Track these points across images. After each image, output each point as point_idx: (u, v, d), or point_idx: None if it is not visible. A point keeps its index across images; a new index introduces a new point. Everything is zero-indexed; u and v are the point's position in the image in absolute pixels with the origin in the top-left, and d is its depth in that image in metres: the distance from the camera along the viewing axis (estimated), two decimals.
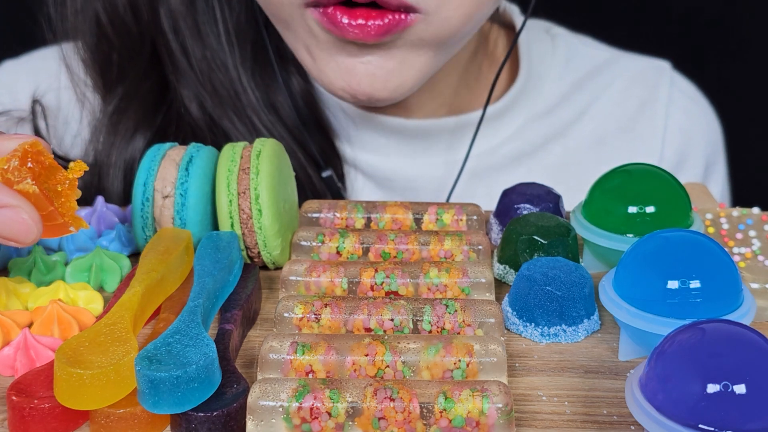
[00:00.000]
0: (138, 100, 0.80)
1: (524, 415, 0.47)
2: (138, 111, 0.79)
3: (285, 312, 0.52)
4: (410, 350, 0.48)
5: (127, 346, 0.46)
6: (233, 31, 0.79)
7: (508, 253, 0.59)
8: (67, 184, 0.49)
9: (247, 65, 0.79)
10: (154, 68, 0.80)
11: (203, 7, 0.79)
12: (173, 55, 0.79)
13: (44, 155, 0.49)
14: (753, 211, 0.68)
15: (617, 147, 0.88)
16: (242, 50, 0.79)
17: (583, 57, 0.91)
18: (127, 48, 0.80)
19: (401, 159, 0.84)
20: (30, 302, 0.56)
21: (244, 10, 0.79)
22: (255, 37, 0.80)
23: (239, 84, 0.79)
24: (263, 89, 0.80)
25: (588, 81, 0.90)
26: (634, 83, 0.90)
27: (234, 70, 0.79)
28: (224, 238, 0.57)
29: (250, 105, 0.79)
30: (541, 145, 0.87)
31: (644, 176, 0.59)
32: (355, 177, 0.84)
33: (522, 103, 0.86)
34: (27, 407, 0.45)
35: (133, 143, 0.79)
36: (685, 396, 0.40)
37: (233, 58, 0.79)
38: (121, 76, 0.80)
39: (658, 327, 0.48)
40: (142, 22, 0.80)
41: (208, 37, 0.79)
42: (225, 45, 0.79)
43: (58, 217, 0.49)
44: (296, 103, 0.81)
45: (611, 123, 0.89)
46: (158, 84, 0.81)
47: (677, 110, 0.90)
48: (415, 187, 0.84)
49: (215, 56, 0.79)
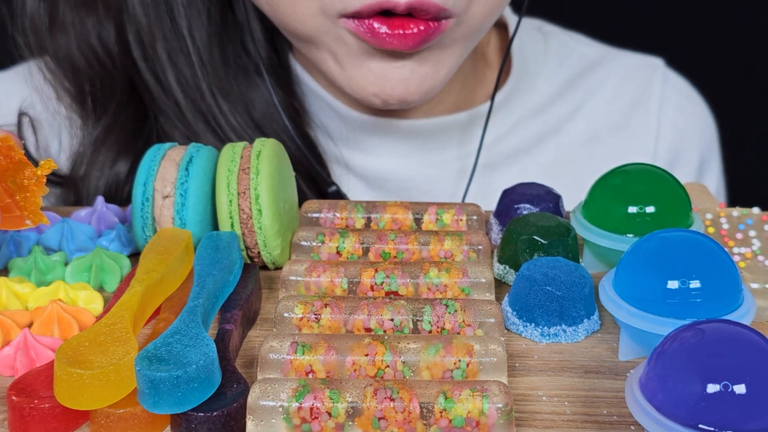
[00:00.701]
0: (118, 129, 0.80)
1: (524, 415, 0.47)
2: (119, 138, 0.80)
3: (285, 312, 0.52)
4: (410, 350, 0.48)
5: (127, 346, 0.46)
6: (204, 52, 0.78)
7: (508, 253, 0.59)
8: (34, 179, 0.52)
9: (223, 87, 0.79)
10: (132, 97, 0.80)
11: (170, 32, 0.78)
12: (147, 84, 0.79)
13: (14, 150, 0.51)
14: (753, 211, 0.68)
15: (611, 144, 0.88)
16: (215, 71, 0.79)
17: (576, 55, 0.91)
18: (103, 82, 0.80)
19: (395, 159, 0.84)
20: (30, 302, 0.56)
21: (212, 26, 0.79)
22: (226, 55, 0.80)
23: (216, 108, 0.79)
24: (242, 108, 0.80)
25: (581, 79, 0.90)
26: (627, 80, 0.91)
27: (209, 94, 0.79)
28: (224, 238, 0.57)
29: (231, 126, 0.79)
30: (535, 143, 0.87)
31: (644, 176, 0.59)
32: (348, 179, 0.84)
33: (515, 101, 0.87)
34: (27, 407, 0.45)
35: (116, 168, 0.79)
36: (685, 396, 0.40)
37: (207, 81, 0.79)
38: (101, 107, 0.80)
39: (658, 327, 0.48)
40: (113, 55, 0.79)
41: (179, 61, 0.78)
42: (197, 69, 0.78)
43: (15, 209, 0.51)
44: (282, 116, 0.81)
45: (604, 120, 0.89)
46: (138, 111, 0.80)
47: (670, 107, 0.90)
48: (409, 188, 0.84)
49: (188, 81, 0.79)
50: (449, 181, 0.85)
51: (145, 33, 0.78)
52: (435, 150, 0.84)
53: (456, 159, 0.85)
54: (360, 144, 0.83)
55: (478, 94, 0.86)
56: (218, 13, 0.79)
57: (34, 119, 0.82)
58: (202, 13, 0.78)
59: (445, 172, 0.85)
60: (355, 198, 0.84)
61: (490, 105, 0.81)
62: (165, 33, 0.78)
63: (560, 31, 0.93)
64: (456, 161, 0.84)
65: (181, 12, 0.77)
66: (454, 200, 0.84)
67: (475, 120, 0.84)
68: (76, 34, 0.79)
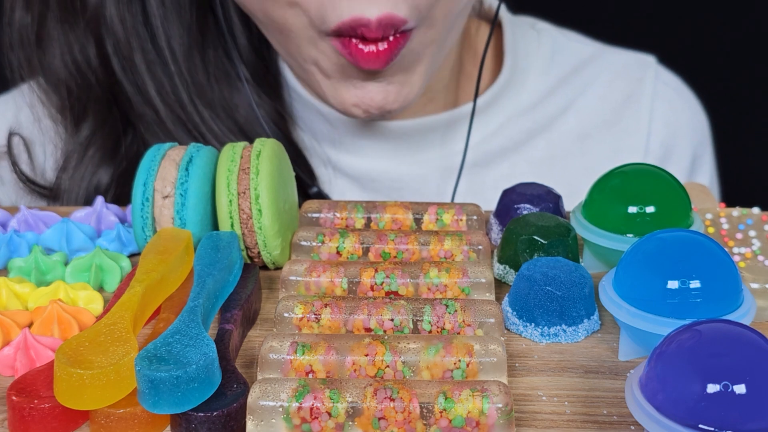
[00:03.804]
0: (100, 139, 0.81)
1: (524, 415, 0.47)
2: (101, 148, 0.81)
3: (285, 312, 0.52)
4: (410, 350, 0.48)
5: (127, 346, 0.46)
6: (183, 62, 0.79)
7: (508, 253, 0.59)
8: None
9: (204, 94, 0.80)
10: (112, 108, 0.81)
11: (148, 43, 0.79)
12: (128, 95, 0.80)
13: None
14: (753, 211, 0.68)
15: (602, 141, 0.88)
16: (194, 80, 0.80)
17: (569, 52, 0.91)
18: (86, 94, 0.81)
19: (385, 160, 0.84)
20: (30, 302, 0.56)
21: (191, 36, 0.80)
22: (207, 62, 0.81)
23: (197, 116, 0.80)
24: (225, 114, 0.81)
25: (573, 76, 0.90)
26: (619, 77, 0.91)
27: (189, 102, 0.80)
28: (224, 238, 0.57)
29: (213, 134, 0.80)
30: (526, 139, 0.87)
31: (644, 176, 0.59)
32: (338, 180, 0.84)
33: (506, 98, 0.87)
34: (27, 407, 0.45)
35: (96, 178, 0.80)
36: (685, 396, 0.40)
37: (187, 91, 0.79)
38: (82, 118, 0.81)
39: (658, 327, 0.48)
40: (94, 67, 0.80)
41: (158, 72, 0.79)
42: (176, 79, 0.79)
43: None
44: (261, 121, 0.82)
45: (596, 117, 0.89)
46: (119, 122, 0.81)
47: (662, 103, 0.90)
48: (400, 188, 0.84)
49: (168, 91, 0.79)
50: (439, 179, 0.85)
51: (123, 45, 0.79)
52: (425, 149, 0.85)
53: (446, 157, 0.85)
54: (349, 146, 0.84)
55: (468, 91, 0.87)
56: (198, 21, 0.80)
57: (26, 138, 0.83)
58: (180, 24, 0.79)
59: (435, 170, 0.85)
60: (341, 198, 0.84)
61: (474, 103, 0.82)
62: (142, 45, 0.79)
63: (553, 28, 0.93)
64: (445, 159, 0.85)
65: (158, 24, 0.79)
66: (442, 198, 0.84)
67: (465, 117, 0.84)
68: (60, 48, 0.80)
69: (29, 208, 0.66)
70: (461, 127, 0.85)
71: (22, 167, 0.82)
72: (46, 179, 0.83)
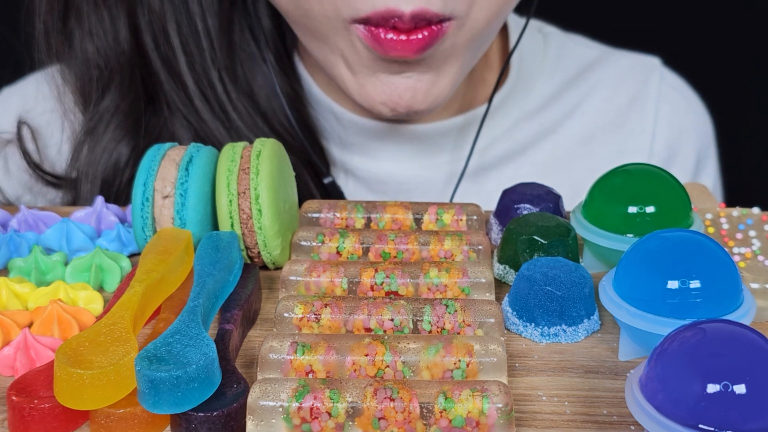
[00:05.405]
0: (121, 116, 0.80)
1: (524, 415, 0.47)
2: (123, 124, 0.80)
3: (285, 312, 0.52)
4: (410, 350, 0.48)
5: (127, 346, 0.46)
6: (216, 37, 0.79)
7: (508, 253, 0.59)
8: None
9: (231, 72, 0.80)
10: (137, 85, 0.80)
11: (183, 17, 0.78)
12: (156, 71, 0.79)
13: None
14: (753, 211, 0.68)
15: (607, 143, 0.88)
16: (224, 57, 0.79)
17: (575, 55, 0.91)
18: (112, 71, 0.80)
19: (395, 163, 0.84)
20: (30, 302, 0.56)
21: (223, 12, 0.79)
22: (234, 42, 0.80)
23: (224, 95, 0.79)
24: (247, 95, 0.80)
25: (579, 79, 0.90)
26: (624, 79, 0.91)
27: (218, 79, 0.79)
28: (224, 238, 0.57)
29: (238, 113, 0.80)
30: (532, 143, 0.87)
31: (644, 176, 0.59)
32: (346, 180, 0.84)
33: (513, 101, 0.87)
34: (27, 407, 0.45)
35: (117, 152, 0.80)
36: (685, 396, 0.40)
37: (216, 67, 0.79)
38: (104, 95, 0.80)
39: (658, 327, 0.48)
40: (122, 42, 0.79)
41: (190, 47, 0.79)
42: (207, 55, 0.79)
43: None
44: (289, 109, 0.81)
45: (601, 119, 0.89)
46: (140, 99, 0.81)
47: (667, 105, 0.90)
48: (407, 190, 0.84)
49: (198, 67, 0.79)
50: (447, 183, 0.85)
51: (157, 18, 0.78)
52: (434, 153, 0.84)
53: (456, 161, 0.85)
54: (359, 147, 0.83)
55: (479, 95, 0.86)
56: (229, 1, 0.79)
57: (37, 127, 0.83)
58: (213, 1, 0.78)
59: (444, 174, 0.85)
60: (349, 198, 0.84)
61: (487, 108, 0.82)
62: (177, 18, 0.78)
63: (560, 32, 0.93)
64: (455, 163, 0.85)
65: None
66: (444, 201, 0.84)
67: (475, 122, 0.84)
68: (89, 23, 0.79)
69: (29, 208, 0.66)
70: (472, 131, 0.84)
71: (32, 156, 0.82)
72: (57, 169, 0.82)
